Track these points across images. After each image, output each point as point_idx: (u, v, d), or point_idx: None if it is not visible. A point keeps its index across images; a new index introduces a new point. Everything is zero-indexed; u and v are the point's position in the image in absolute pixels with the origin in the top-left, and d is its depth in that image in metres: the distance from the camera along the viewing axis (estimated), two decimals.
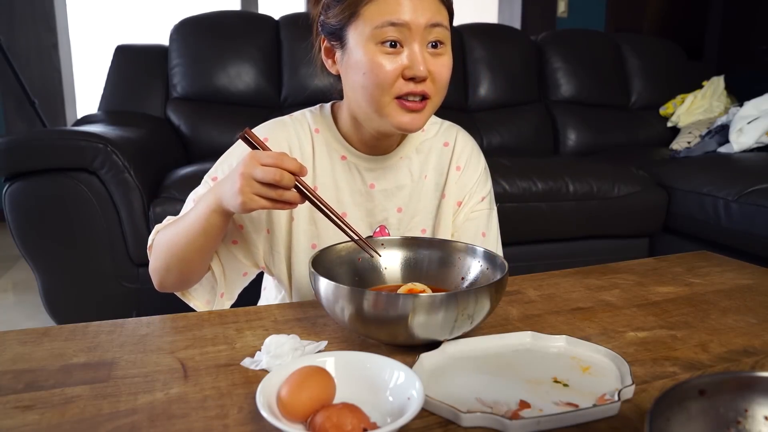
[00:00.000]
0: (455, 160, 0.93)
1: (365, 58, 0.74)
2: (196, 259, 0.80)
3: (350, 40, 0.76)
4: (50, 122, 2.96)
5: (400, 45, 0.74)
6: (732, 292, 0.84)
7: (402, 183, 0.90)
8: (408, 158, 0.91)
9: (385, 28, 0.72)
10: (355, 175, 0.88)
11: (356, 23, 0.75)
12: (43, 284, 1.59)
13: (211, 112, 2.24)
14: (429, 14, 0.73)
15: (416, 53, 0.73)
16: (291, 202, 0.68)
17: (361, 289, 0.59)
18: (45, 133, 1.61)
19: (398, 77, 0.74)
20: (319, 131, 0.89)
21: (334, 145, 0.88)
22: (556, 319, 0.73)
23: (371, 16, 0.73)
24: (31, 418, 0.49)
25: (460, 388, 0.54)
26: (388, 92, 0.75)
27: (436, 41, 0.75)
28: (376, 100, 0.75)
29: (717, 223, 1.87)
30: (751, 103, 2.37)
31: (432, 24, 0.74)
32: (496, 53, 2.62)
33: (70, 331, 0.67)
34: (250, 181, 0.67)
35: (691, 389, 0.42)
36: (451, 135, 0.95)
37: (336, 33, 0.78)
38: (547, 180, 1.91)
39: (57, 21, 3.02)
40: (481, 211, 0.94)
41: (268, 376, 0.49)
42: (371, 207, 0.89)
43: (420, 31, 0.73)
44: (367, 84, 0.75)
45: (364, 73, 0.75)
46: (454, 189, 0.93)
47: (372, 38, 0.73)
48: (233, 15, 2.42)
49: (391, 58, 0.73)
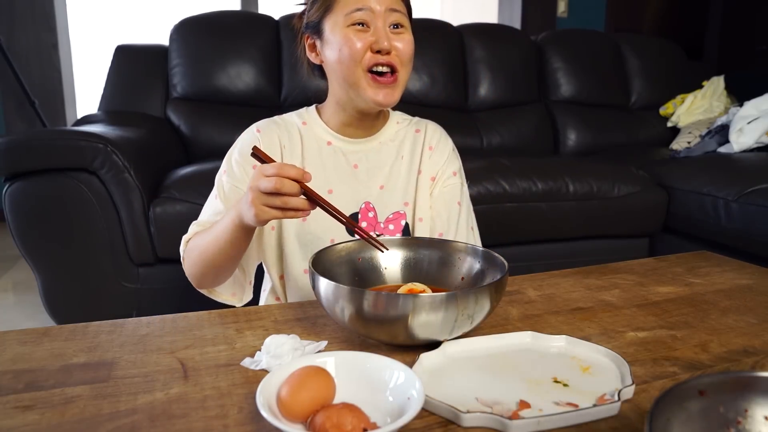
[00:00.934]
0: (427, 142, 1.05)
1: (340, 38, 0.89)
2: (227, 265, 0.88)
3: (327, 28, 0.91)
4: (50, 122, 2.96)
5: (367, 26, 0.89)
6: (732, 292, 0.84)
7: (382, 163, 1.01)
8: (386, 143, 1.03)
9: (354, 13, 0.88)
10: (339, 157, 0.99)
11: (331, 14, 0.90)
12: (43, 284, 1.59)
13: (211, 112, 2.24)
14: (387, 2, 0.89)
15: (380, 29, 0.88)
16: (299, 208, 0.71)
17: (361, 289, 0.59)
18: (45, 133, 1.61)
19: (367, 50, 0.88)
20: (306, 123, 1.01)
21: (320, 133, 1.00)
22: (556, 319, 0.73)
23: (342, 6, 0.89)
24: (31, 418, 0.49)
25: (460, 388, 0.54)
26: (360, 64, 0.88)
27: (396, 23, 0.90)
28: (351, 71, 0.89)
29: (717, 223, 1.87)
30: (751, 103, 2.37)
31: (391, 9, 0.89)
32: (496, 53, 2.62)
33: (70, 331, 0.67)
34: (257, 194, 0.71)
35: (691, 389, 0.42)
36: (421, 125, 1.07)
37: (315, 27, 0.93)
38: (547, 180, 1.91)
39: (57, 21, 3.02)
40: (454, 185, 1.04)
41: (268, 376, 0.49)
42: (356, 185, 0.99)
43: (382, 14, 0.89)
44: (342, 58, 0.89)
45: (339, 49, 0.89)
46: (428, 166, 1.04)
47: (344, 22, 0.89)
48: (233, 15, 2.42)
49: (360, 35, 0.88)
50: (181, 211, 1.57)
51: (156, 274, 1.64)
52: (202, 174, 1.70)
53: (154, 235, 1.58)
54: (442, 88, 2.51)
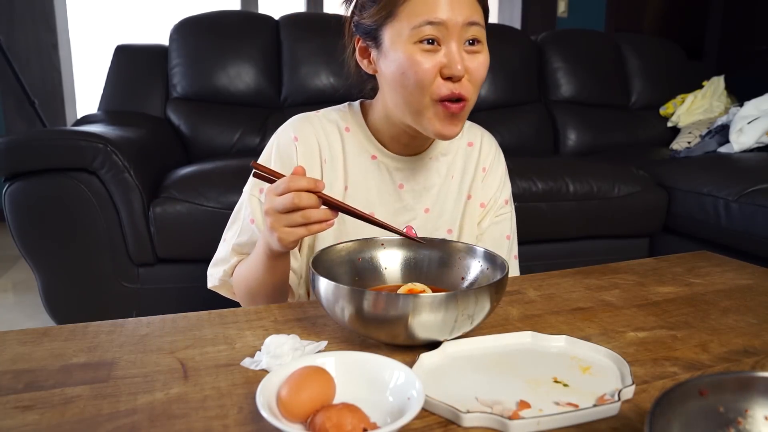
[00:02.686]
0: (482, 161, 0.94)
1: (403, 56, 0.74)
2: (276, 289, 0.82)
3: (386, 39, 0.76)
4: (50, 122, 2.96)
5: (438, 43, 0.74)
6: (732, 292, 0.84)
7: (431, 183, 0.91)
8: (436, 159, 0.92)
9: (423, 27, 0.73)
10: (384, 174, 0.89)
11: (393, 23, 0.75)
12: (43, 284, 1.59)
13: (211, 112, 2.24)
14: (466, 12, 0.74)
15: (454, 52, 0.73)
16: (323, 219, 0.67)
17: (361, 289, 0.59)
18: (45, 133, 1.61)
19: (436, 76, 0.74)
20: (350, 130, 0.89)
21: (366, 145, 0.89)
22: (556, 319, 0.73)
23: (408, 15, 0.73)
24: (31, 418, 0.49)
25: (460, 388, 0.54)
26: (427, 91, 0.75)
27: (473, 39, 0.76)
28: (415, 99, 0.76)
29: (717, 223, 1.87)
30: (751, 103, 2.37)
31: (469, 22, 0.74)
32: (496, 53, 2.60)
33: (70, 331, 0.67)
34: (276, 216, 0.67)
35: (691, 389, 0.42)
36: (475, 136, 0.96)
37: (371, 33, 0.78)
38: (547, 180, 1.91)
39: (57, 21, 3.02)
40: (506, 216, 0.96)
41: (268, 376, 0.49)
42: (399, 207, 0.90)
43: (457, 29, 0.73)
44: (406, 83, 0.75)
45: (402, 73, 0.75)
46: (479, 190, 0.94)
47: (410, 38, 0.74)
48: (233, 15, 2.42)
49: (429, 56, 0.74)
50: (181, 211, 1.58)
51: (156, 274, 1.64)
52: (202, 174, 1.70)
53: (154, 235, 1.58)
54: None
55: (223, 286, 0.91)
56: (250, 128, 2.22)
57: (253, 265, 0.80)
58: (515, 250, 0.99)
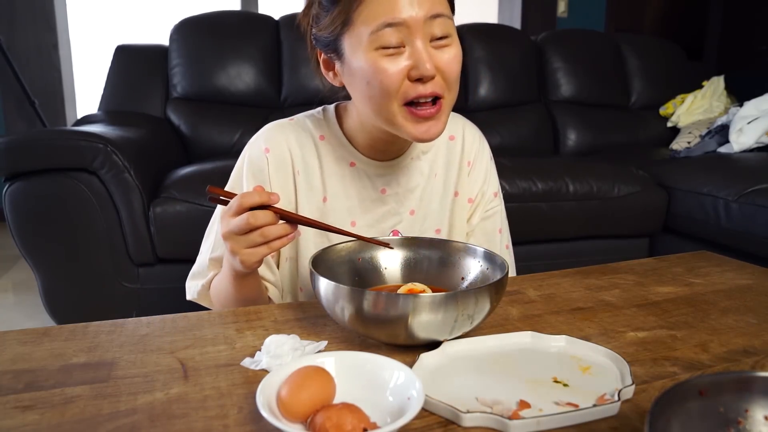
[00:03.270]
0: (465, 155, 0.90)
1: (366, 65, 0.69)
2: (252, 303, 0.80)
3: (347, 49, 0.72)
4: (50, 122, 2.96)
5: (402, 45, 0.69)
6: (732, 292, 0.84)
7: (414, 185, 0.88)
8: (417, 158, 0.88)
9: (382, 31, 0.67)
10: (365, 181, 0.86)
11: (350, 31, 0.70)
12: (43, 284, 1.59)
13: (211, 112, 2.24)
14: (427, 5, 0.68)
15: (420, 50, 0.68)
16: (282, 235, 0.65)
17: (361, 289, 0.59)
18: (45, 133, 1.61)
19: (404, 79, 0.69)
20: (325, 138, 0.85)
21: (342, 152, 0.85)
22: (556, 319, 0.73)
23: (365, 20, 0.68)
24: (31, 418, 0.49)
25: (460, 388, 0.54)
26: (396, 97, 0.70)
27: (441, 35, 0.70)
28: (385, 109, 0.71)
29: (717, 223, 1.87)
30: (751, 103, 2.37)
31: (432, 15, 0.68)
32: (496, 53, 2.62)
33: (70, 331, 0.67)
34: (233, 238, 0.65)
35: (691, 389, 0.42)
36: (456, 128, 0.91)
37: (331, 45, 0.74)
38: (547, 180, 1.91)
39: (57, 21, 3.02)
40: (495, 210, 0.94)
41: (268, 376, 0.49)
42: (384, 212, 0.87)
43: (420, 26, 0.68)
44: (373, 93, 0.71)
45: (367, 82, 0.70)
46: (465, 186, 0.90)
47: (370, 44, 0.68)
48: (233, 15, 2.42)
49: (393, 59, 0.69)
50: (181, 211, 1.57)
51: (156, 274, 1.64)
52: (202, 174, 1.70)
53: (154, 235, 1.58)
54: None
55: (202, 299, 0.90)
56: (250, 128, 2.22)
57: (223, 285, 0.78)
58: (507, 240, 0.97)
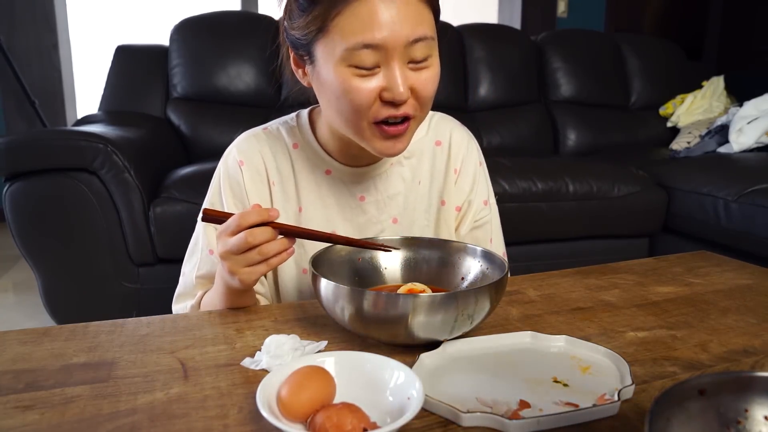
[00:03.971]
0: (452, 161, 0.88)
1: (336, 81, 0.66)
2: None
3: (319, 57, 0.68)
4: (50, 122, 2.96)
5: (377, 66, 0.66)
6: (732, 292, 0.84)
7: (394, 192, 0.85)
8: (398, 164, 0.85)
9: (359, 51, 0.64)
10: (342, 189, 0.83)
11: (325, 39, 0.66)
12: (43, 284, 1.59)
13: (211, 112, 2.24)
14: (408, 28, 0.64)
15: (395, 74, 0.65)
16: (281, 251, 0.64)
17: (361, 289, 0.59)
18: (45, 133, 1.61)
19: (375, 99, 0.67)
20: (298, 146, 0.83)
21: (316, 161, 0.83)
22: (556, 319, 0.73)
23: (342, 33, 0.64)
24: (31, 418, 0.49)
25: (460, 388, 0.54)
26: (365, 116, 0.68)
27: (420, 58, 0.67)
28: (353, 124, 0.70)
29: (717, 223, 1.87)
30: (751, 103, 2.37)
31: (413, 40, 0.65)
32: (496, 53, 2.62)
33: (70, 331, 0.67)
34: (231, 258, 0.64)
35: (691, 389, 0.42)
36: (443, 132, 0.88)
37: (302, 47, 0.70)
38: (547, 180, 1.91)
39: (57, 21, 3.02)
40: (486, 220, 0.91)
41: (268, 376, 0.49)
42: (364, 220, 0.85)
43: (400, 49, 0.65)
44: (341, 109, 0.69)
45: (337, 97, 0.68)
46: (453, 194, 0.88)
47: (343, 59, 0.65)
48: (233, 15, 2.43)
49: (365, 80, 0.66)
50: (181, 211, 1.58)
51: (156, 274, 1.64)
52: (202, 174, 1.70)
53: (154, 235, 1.58)
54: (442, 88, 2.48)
55: None
56: (249, 128, 2.22)
57: (215, 302, 0.76)
58: (502, 247, 0.95)
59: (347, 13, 0.64)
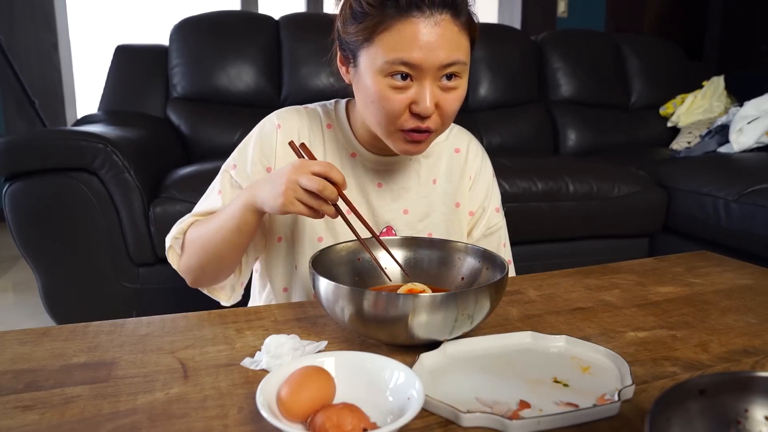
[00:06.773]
0: (469, 168, 0.95)
1: (374, 88, 0.74)
2: (231, 256, 0.82)
3: (362, 63, 0.75)
4: (50, 122, 2.96)
5: (411, 79, 0.73)
6: (732, 292, 0.84)
7: (407, 185, 0.91)
8: (416, 161, 0.92)
9: (397, 66, 0.71)
10: (363, 173, 0.90)
11: (369, 49, 0.73)
12: (43, 284, 1.59)
13: (211, 112, 2.24)
14: (444, 53, 0.71)
15: (425, 91, 0.72)
16: (327, 213, 0.70)
17: (361, 289, 0.59)
18: (45, 133, 1.61)
19: (405, 110, 0.74)
20: (331, 127, 0.90)
21: (345, 143, 0.90)
22: (556, 319, 0.73)
23: (384, 46, 0.72)
24: (31, 418, 0.49)
25: (460, 388, 0.54)
26: (394, 123, 0.76)
27: (450, 74, 0.74)
28: (383, 126, 0.77)
29: (717, 223, 1.87)
30: (751, 103, 2.37)
31: (447, 64, 0.72)
32: (496, 53, 2.62)
33: (70, 331, 0.67)
34: (295, 186, 0.69)
35: (691, 389, 0.42)
36: (462, 142, 0.96)
37: (350, 51, 0.78)
38: (547, 180, 1.91)
39: (57, 21, 3.02)
40: (498, 225, 0.97)
41: (268, 376, 0.49)
42: (378, 206, 0.91)
43: (433, 71, 0.72)
44: (375, 112, 0.76)
45: (372, 102, 0.75)
46: (467, 199, 0.95)
47: (382, 70, 0.72)
48: (233, 15, 2.42)
49: (398, 92, 0.73)
50: (181, 211, 1.57)
51: (156, 274, 1.64)
52: (202, 174, 1.70)
53: (154, 235, 1.58)
54: None
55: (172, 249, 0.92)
56: (250, 128, 2.20)
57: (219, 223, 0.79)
58: (509, 255, 1.00)
59: (393, 31, 0.71)
